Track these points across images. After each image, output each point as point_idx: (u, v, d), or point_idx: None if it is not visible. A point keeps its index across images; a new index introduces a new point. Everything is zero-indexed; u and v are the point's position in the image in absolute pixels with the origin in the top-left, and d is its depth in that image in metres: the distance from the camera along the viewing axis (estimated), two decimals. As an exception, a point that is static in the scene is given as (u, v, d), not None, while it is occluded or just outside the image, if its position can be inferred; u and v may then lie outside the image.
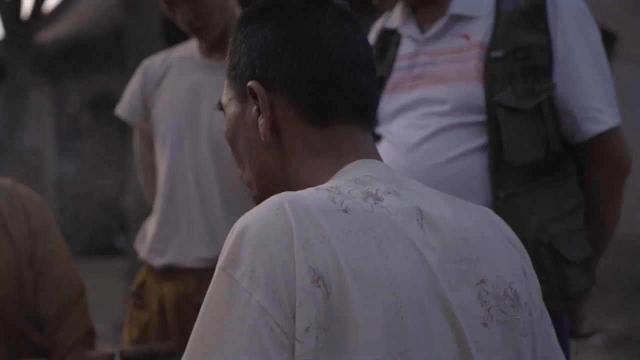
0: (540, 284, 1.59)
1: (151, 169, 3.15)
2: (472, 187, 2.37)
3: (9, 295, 2.53)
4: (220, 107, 1.60)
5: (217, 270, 1.35)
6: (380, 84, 2.57)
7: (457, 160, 2.39)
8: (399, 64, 2.57)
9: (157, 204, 3.06)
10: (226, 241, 1.36)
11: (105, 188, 11.42)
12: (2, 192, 2.68)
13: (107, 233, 11.30)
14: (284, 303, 1.30)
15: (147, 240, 3.09)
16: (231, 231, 1.37)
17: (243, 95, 1.53)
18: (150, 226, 3.09)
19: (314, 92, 1.49)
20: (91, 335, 2.71)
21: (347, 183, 1.44)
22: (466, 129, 2.41)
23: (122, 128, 3.16)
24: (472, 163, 2.39)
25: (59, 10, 16.54)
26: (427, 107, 2.46)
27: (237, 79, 1.54)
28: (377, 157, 1.54)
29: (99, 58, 12.12)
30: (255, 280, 1.31)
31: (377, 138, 2.55)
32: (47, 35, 14.56)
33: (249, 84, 1.50)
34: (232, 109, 1.55)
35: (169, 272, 3.02)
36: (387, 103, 2.54)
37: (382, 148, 2.49)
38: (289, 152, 1.51)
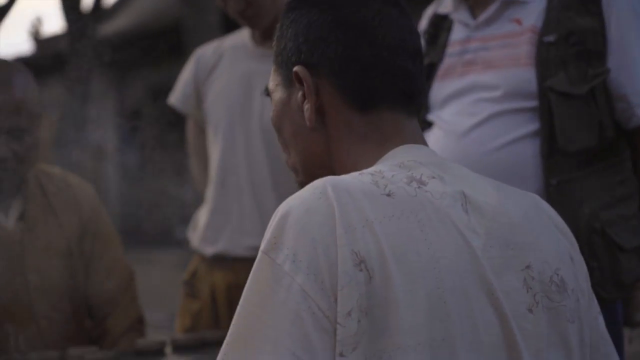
0: (593, 271, 1.56)
1: (204, 157, 3.16)
2: (524, 174, 2.34)
3: (61, 284, 2.55)
4: (268, 93, 1.59)
5: (259, 254, 1.34)
6: (431, 70, 2.55)
7: (509, 146, 2.37)
8: (451, 50, 2.55)
9: (209, 193, 3.07)
10: (269, 225, 1.36)
11: (166, 179, 11.52)
12: (53, 182, 2.70)
13: (167, 224, 11.38)
14: (326, 287, 1.29)
15: (198, 229, 3.10)
16: (274, 215, 1.36)
17: (289, 81, 1.53)
18: (202, 215, 3.10)
19: (359, 77, 1.48)
20: (141, 322, 2.73)
21: (391, 168, 1.43)
22: (518, 115, 2.38)
23: (183, 119, 3.18)
24: (524, 149, 2.36)
25: (119, 3, 16.72)
26: (479, 93, 2.43)
27: (284, 65, 1.54)
28: (423, 142, 1.52)
29: (159, 50, 12.20)
30: (297, 264, 1.30)
31: (429, 125, 2.53)
32: (108, 28, 14.71)
33: (295, 69, 1.50)
34: (278, 94, 1.55)
35: (220, 261, 3.03)
36: (439, 89, 2.52)
37: (433, 135, 2.47)
38: (334, 137, 1.50)
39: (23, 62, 2.95)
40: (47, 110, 2.68)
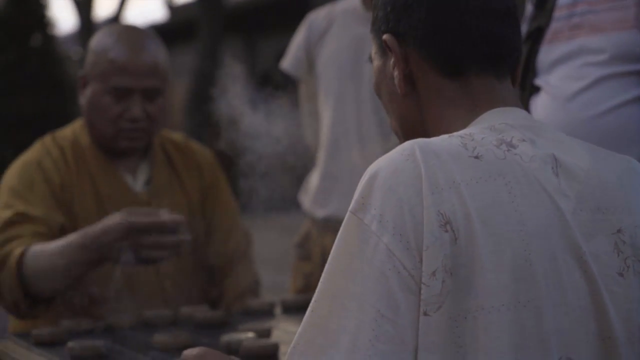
0: None
1: (316, 121, 3.19)
2: (630, 138, 2.31)
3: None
4: (370, 60, 1.62)
5: (348, 213, 1.37)
6: (539, 34, 2.53)
7: (616, 110, 2.34)
8: (558, 13, 2.51)
9: (320, 157, 3.11)
10: (358, 185, 1.39)
11: (294, 145, 11.58)
12: (176, 147, 2.79)
13: (292, 189, 11.50)
14: (411, 247, 1.32)
15: (310, 192, 3.14)
16: (363, 176, 1.39)
17: (383, 49, 1.55)
18: (314, 179, 3.14)
19: (445, 43, 1.48)
20: (256, 284, 2.79)
21: (481, 130, 1.43)
22: (625, 79, 2.35)
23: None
24: (631, 113, 2.33)
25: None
26: (585, 57, 2.40)
27: (377, 33, 1.56)
28: (515, 104, 1.52)
29: (288, 16, 12.28)
30: (384, 224, 1.33)
31: (537, 89, 2.51)
32: (238, -6, 14.86)
33: (384, 37, 1.52)
34: (375, 62, 1.58)
35: (331, 224, 3.07)
36: (546, 54, 2.50)
37: (541, 99, 2.46)
38: (425, 103, 1.51)
39: (156, 29, 3.04)
40: (179, 76, 2.76)
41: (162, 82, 2.61)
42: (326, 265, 1.38)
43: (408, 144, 1.38)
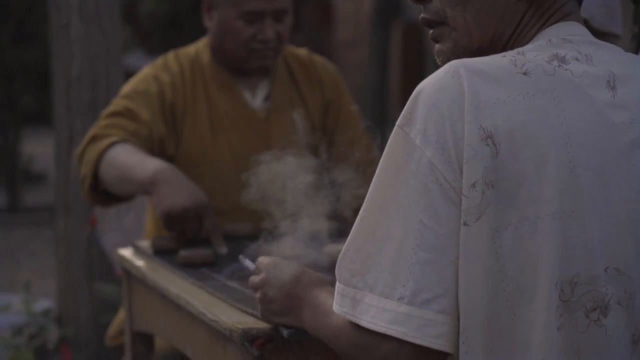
0: None
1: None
2: None
3: None
4: None
5: (395, 127, 1.43)
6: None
7: None
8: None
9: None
10: (407, 102, 1.44)
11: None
12: (299, 63, 2.87)
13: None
14: (452, 160, 1.37)
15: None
16: (413, 93, 1.43)
17: None
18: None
19: None
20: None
21: (537, 47, 1.46)
22: None
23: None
24: None
25: None
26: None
27: None
28: (579, 21, 1.53)
29: None
30: (427, 138, 1.38)
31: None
32: None
33: None
34: None
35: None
36: None
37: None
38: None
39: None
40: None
41: (290, 1, 2.71)
42: (374, 177, 1.44)
43: (454, 62, 1.42)
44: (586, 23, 2.57)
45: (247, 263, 1.96)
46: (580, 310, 1.36)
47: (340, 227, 2.42)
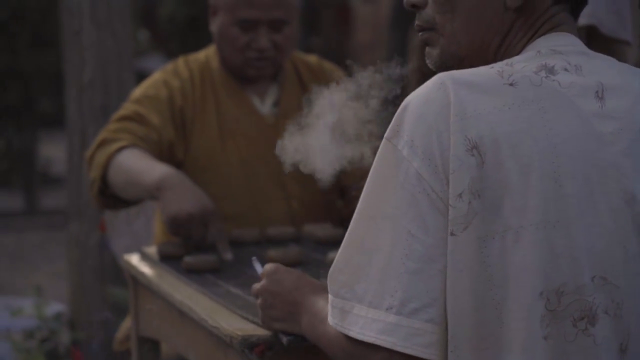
0: None
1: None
2: None
3: None
4: None
5: (383, 140, 1.45)
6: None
7: None
8: None
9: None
10: (395, 115, 1.45)
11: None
12: (309, 69, 2.88)
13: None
14: (439, 170, 1.38)
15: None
16: (400, 106, 1.45)
17: None
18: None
19: None
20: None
21: (526, 58, 1.47)
22: None
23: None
24: None
25: None
26: None
27: None
28: (572, 32, 1.53)
29: None
30: (414, 149, 1.40)
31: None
32: None
33: None
34: None
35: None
36: None
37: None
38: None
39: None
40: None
41: (287, 12, 2.71)
42: (364, 187, 1.46)
43: (441, 75, 1.44)
44: (595, 29, 2.58)
45: (258, 267, 1.96)
46: (567, 320, 1.37)
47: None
